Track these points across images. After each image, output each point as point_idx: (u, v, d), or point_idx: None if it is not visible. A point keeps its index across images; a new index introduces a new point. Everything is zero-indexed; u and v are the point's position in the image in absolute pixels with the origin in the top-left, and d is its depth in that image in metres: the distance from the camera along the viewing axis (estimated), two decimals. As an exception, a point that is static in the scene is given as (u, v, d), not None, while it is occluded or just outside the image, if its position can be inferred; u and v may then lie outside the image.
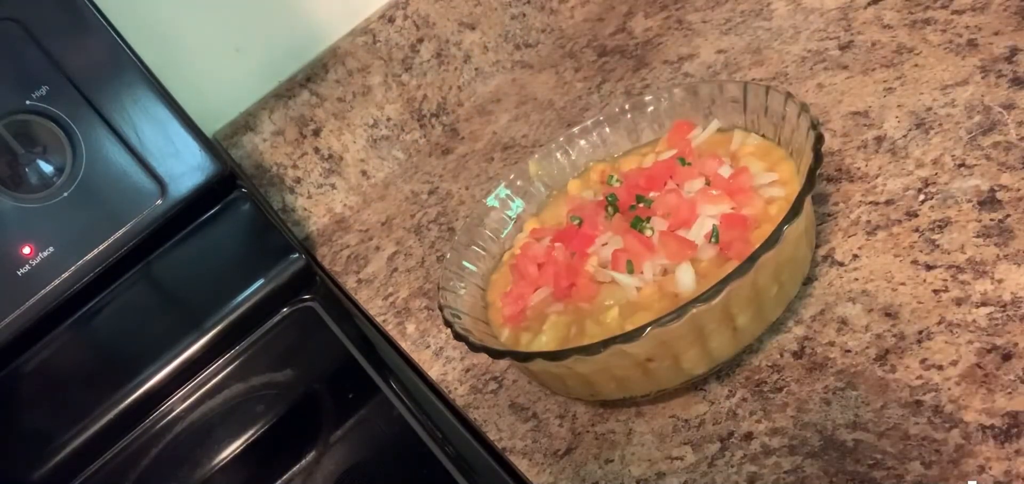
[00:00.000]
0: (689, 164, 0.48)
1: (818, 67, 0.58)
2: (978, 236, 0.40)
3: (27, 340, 0.63)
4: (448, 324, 0.46)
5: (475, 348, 0.44)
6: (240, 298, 0.69)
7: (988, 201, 0.42)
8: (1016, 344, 0.35)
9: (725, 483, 0.38)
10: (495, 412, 0.50)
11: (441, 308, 0.48)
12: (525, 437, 0.47)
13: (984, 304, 0.37)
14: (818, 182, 0.49)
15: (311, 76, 0.79)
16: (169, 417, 0.67)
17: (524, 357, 0.42)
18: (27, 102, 0.59)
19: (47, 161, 0.60)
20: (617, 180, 0.52)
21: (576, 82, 0.78)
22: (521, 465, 0.46)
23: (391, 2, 0.81)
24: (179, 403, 0.67)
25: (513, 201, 0.56)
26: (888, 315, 0.40)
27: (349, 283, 0.71)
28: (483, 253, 0.54)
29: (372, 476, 0.54)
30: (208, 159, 0.64)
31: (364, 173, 0.83)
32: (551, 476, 0.44)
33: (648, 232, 0.45)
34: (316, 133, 0.80)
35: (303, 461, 0.57)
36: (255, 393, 0.66)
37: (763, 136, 0.49)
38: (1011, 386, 0.34)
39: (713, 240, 0.43)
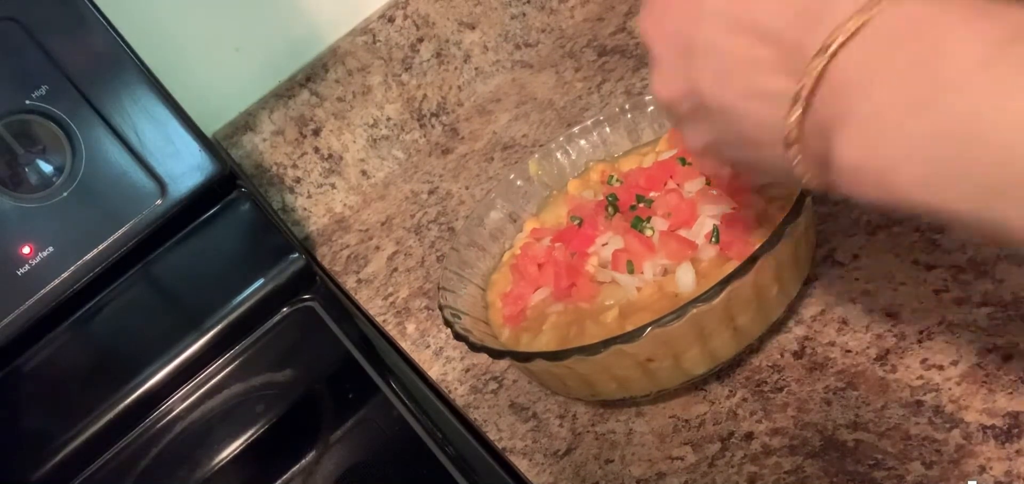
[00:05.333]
0: (689, 164, 0.48)
1: (818, 67, 0.58)
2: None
3: (27, 340, 0.63)
4: (448, 324, 0.46)
5: (475, 348, 0.44)
6: (240, 298, 0.69)
7: (989, 201, 0.42)
8: (1017, 344, 0.35)
9: (725, 483, 0.38)
10: (495, 412, 0.50)
11: (441, 308, 0.48)
12: (525, 437, 0.47)
13: (985, 304, 0.37)
14: (818, 182, 0.49)
15: (311, 76, 0.79)
16: (169, 417, 0.67)
17: (524, 357, 0.42)
18: (27, 102, 0.59)
19: (47, 161, 0.60)
20: (617, 180, 0.52)
21: (576, 82, 0.78)
22: (521, 465, 0.46)
23: (391, 2, 0.81)
24: (179, 403, 0.67)
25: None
26: (889, 315, 0.40)
27: (349, 283, 0.71)
28: (483, 253, 0.54)
29: (372, 476, 0.54)
30: (208, 159, 0.64)
31: (364, 173, 0.83)
32: (551, 476, 0.44)
33: (648, 232, 0.45)
34: (316, 133, 0.80)
35: (303, 461, 0.57)
36: (255, 393, 0.66)
37: (763, 136, 0.48)
38: (1012, 386, 0.34)
39: (713, 240, 0.43)
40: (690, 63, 0.30)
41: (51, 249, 0.60)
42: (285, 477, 0.56)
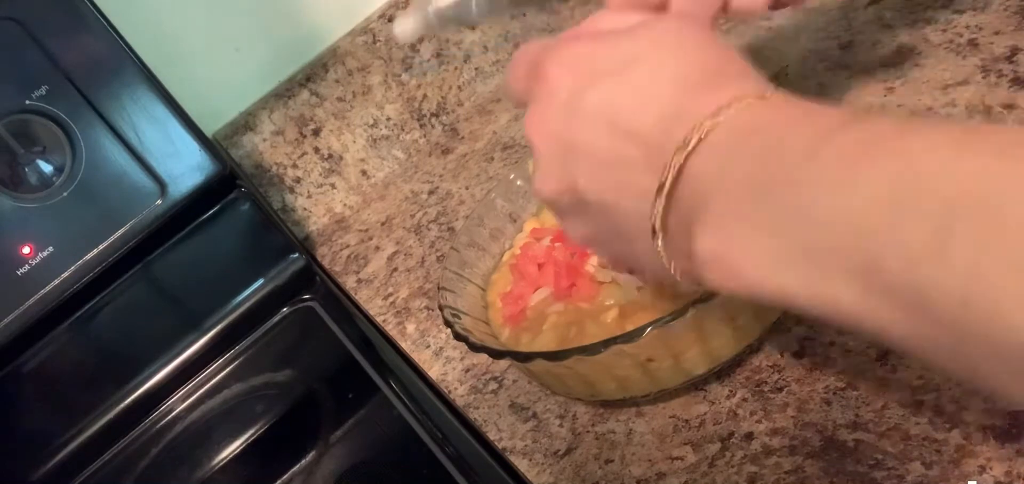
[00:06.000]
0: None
1: (819, 66, 0.58)
2: (979, 236, 0.40)
3: (27, 340, 0.63)
4: (448, 324, 0.46)
5: (475, 348, 0.44)
6: (240, 298, 0.69)
7: (989, 201, 0.42)
8: (1017, 344, 0.35)
9: (725, 483, 0.38)
10: (495, 412, 0.50)
11: (441, 308, 0.48)
12: (525, 437, 0.47)
13: (985, 304, 0.37)
14: (818, 182, 0.49)
15: (311, 76, 0.79)
16: (169, 417, 0.67)
17: (524, 357, 0.42)
18: (27, 102, 0.59)
19: (47, 161, 0.60)
20: (617, 180, 0.52)
21: (576, 82, 0.78)
22: (521, 465, 0.46)
23: (391, 2, 0.81)
24: (179, 403, 0.67)
25: None
26: (888, 315, 0.40)
27: (349, 283, 0.71)
28: (483, 253, 0.54)
29: (372, 476, 0.54)
30: (208, 159, 0.64)
31: (364, 173, 0.83)
32: (551, 476, 0.44)
33: (648, 232, 0.45)
34: (316, 133, 0.80)
35: (303, 461, 0.57)
36: (255, 393, 0.66)
37: (763, 136, 0.48)
38: (1012, 386, 0.34)
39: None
40: (568, 161, 0.33)
41: (51, 249, 0.60)
42: (285, 477, 0.56)
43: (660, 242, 0.30)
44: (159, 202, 0.62)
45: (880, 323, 0.22)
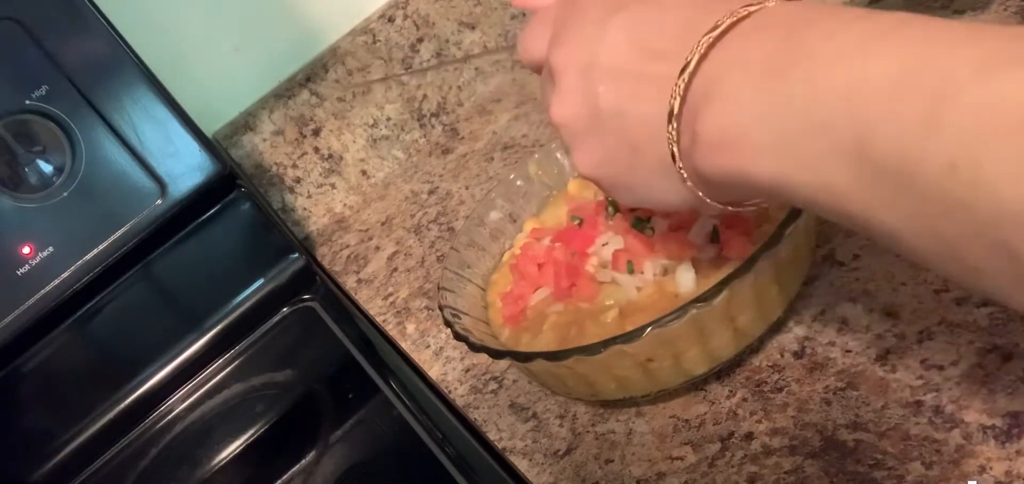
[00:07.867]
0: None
1: (818, 67, 0.58)
2: (979, 236, 0.40)
3: (27, 340, 0.63)
4: (448, 324, 0.46)
5: (475, 348, 0.44)
6: (240, 298, 0.69)
7: (989, 201, 0.41)
8: (1017, 344, 0.35)
9: (725, 483, 0.38)
10: (495, 412, 0.50)
11: (441, 308, 0.48)
12: (525, 437, 0.47)
13: (985, 304, 0.37)
14: (818, 182, 0.49)
15: (311, 76, 0.79)
16: (169, 417, 0.67)
17: (524, 357, 0.42)
18: (27, 102, 0.59)
19: (47, 161, 0.60)
20: (617, 180, 0.52)
21: (576, 82, 0.78)
22: (521, 465, 0.46)
23: (391, 2, 0.81)
24: (179, 403, 0.67)
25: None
26: (889, 315, 0.40)
27: (349, 283, 0.71)
28: (483, 253, 0.54)
29: (372, 476, 0.54)
30: (208, 159, 0.64)
31: (364, 173, 0.83)
32: (551, 476, 0.44)
33: (648, 232, 0.45)
34: (316, 133, 0.80)
35: (303, 461, 0.57)
36: (255, 393, 0.66)
37: (763, 136, 0.48)
38: (1012, 386, 0.34)
39: (713, 240, 0.43)
40: (591, 77, 0.34)
41: (51, 249, 0.60)
42: (285, 477, 0.56)
43: (675, 128, 0.30)
44: (159, 202, 0.62)
45: (867, 204, 0.23)
